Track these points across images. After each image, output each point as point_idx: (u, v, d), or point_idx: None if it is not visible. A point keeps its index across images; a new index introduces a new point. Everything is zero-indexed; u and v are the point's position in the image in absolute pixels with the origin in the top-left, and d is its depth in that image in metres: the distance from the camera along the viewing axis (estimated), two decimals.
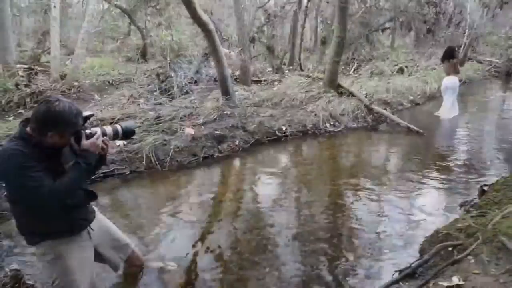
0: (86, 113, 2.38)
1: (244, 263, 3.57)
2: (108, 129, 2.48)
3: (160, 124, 6.79)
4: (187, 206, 4.80)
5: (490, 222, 3.33)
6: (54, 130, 2.18)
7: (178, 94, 9.16)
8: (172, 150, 6.13)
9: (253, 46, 13.97)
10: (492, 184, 4.83)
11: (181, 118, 7.15)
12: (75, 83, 9.51)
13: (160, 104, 8.29)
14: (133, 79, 10.86)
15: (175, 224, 4.35)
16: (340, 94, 9.67)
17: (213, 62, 9.08)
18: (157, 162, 5.92)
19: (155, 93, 9.21)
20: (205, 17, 7.51)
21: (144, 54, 14.17)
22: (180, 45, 11.11)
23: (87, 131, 2.34)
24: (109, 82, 10.66)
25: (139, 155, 5.88)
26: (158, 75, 9.70)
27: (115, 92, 9.45)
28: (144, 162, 5.84)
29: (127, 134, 2.60)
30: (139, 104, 8.24)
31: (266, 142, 7.28)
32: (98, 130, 2.40)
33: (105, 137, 2.42)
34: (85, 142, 2.30)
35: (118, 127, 2.53)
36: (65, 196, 2.23)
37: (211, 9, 16.05)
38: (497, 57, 18.79)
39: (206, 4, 16.91)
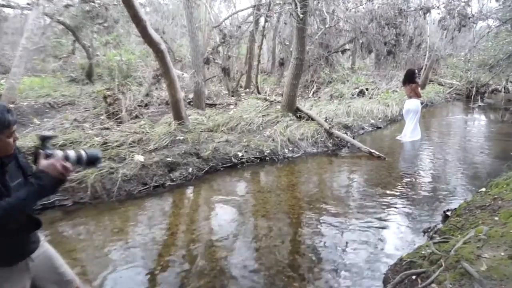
0: (47, 133, 2.33)
1: None
2: (71, 153, 2.39)
3: (107, 151, 6.73)
4: (136, 239, 4.77)
5: (453, 248, 3.54)
6: None
7: (127, 118, 9.12)
8: (120, 179, 6.10)
9: (208, 68, 14.12)
10: (455, 209, 5.13)
11: (130, 144, 7.12)
12: (11, 105, 9.26)
13: (107, 129, 8.22)
14: (78, 101, 10.72)
15: (123, 259, 4.31)
16: (299, 118, 9.94)
17: (164, 84, 9.12)
18: (103, 192, 5.87)
19: (101, 117, 9.13)
20: (156, 36, 7.56)
21: (89, 75, 14.01)
22: (130, 65, 11.11)
23: (48, 151, 2.28)
24: (50, 104, 10.47)
25: (83, 185, 5.80)
26: (105, 97, 9.60)
27: (57, 116, 9.29)
28: (89, 192, 5.77)
29: (92, 160, 2.49)
30: (83, 129, 8.12)
31: (222, 169, 7.36)
32: (59, 152, 2.34)
33: (67, 161, 2.34)
34: (43, 162, 2.23)
35: (82, 152, 2.46)
36: (5, 216, 2.10)
37: (163, 28, 16.22)
38: (458, 79, 19.89)
39: (157, 22, 17.09)
